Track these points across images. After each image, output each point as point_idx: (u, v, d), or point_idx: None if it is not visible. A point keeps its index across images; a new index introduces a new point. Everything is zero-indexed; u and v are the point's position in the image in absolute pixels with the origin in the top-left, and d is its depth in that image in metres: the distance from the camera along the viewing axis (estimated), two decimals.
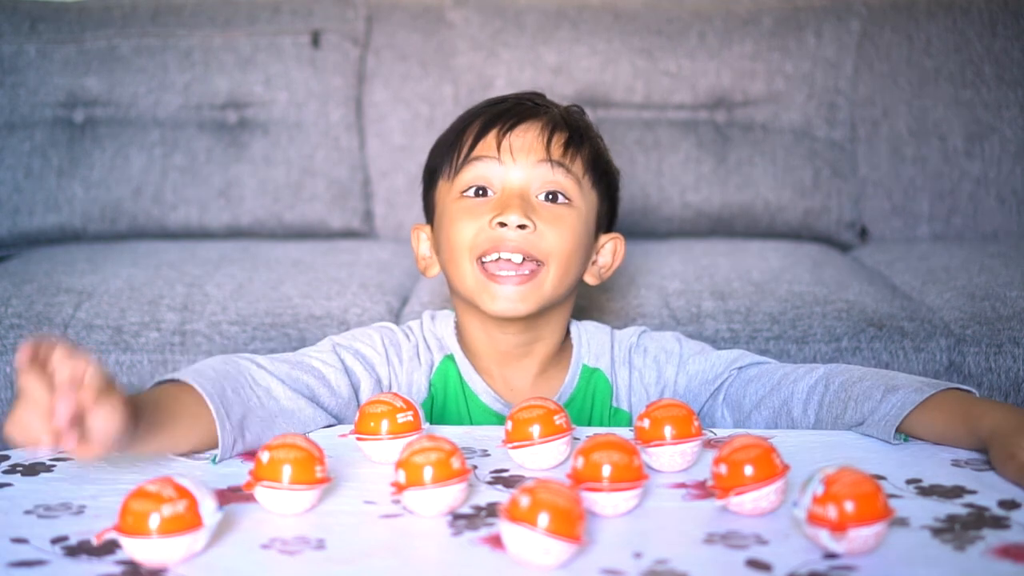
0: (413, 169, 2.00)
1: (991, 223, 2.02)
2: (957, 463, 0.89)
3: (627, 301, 1.53)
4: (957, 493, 0.82)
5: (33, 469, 0.89)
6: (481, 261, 1.07)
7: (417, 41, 2.04)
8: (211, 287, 1.58)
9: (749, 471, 0.77)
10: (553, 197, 1.09)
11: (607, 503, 0.78)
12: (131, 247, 1.86)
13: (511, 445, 0.89)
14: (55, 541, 0.75)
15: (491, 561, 0.72)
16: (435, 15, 2.05)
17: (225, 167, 1.95)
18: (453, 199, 1.11)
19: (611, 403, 1.15)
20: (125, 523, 0.71)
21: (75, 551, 0.73)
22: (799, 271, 1.67)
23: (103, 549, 0.73)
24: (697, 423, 0.88)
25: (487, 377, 1.14)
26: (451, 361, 1.13)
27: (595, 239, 1.15)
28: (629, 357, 1.16)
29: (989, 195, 2.02)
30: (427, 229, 1.18)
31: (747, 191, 1.95)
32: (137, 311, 1.50)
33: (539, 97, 1.16)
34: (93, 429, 0.77)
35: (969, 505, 0.80)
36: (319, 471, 0.80)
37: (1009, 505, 0.80)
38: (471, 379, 1.13)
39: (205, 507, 0.72)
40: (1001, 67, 2.03)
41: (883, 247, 1.96)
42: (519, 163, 1.09)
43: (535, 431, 0.88)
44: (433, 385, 1.12)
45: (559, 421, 0.88)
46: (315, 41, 1.98)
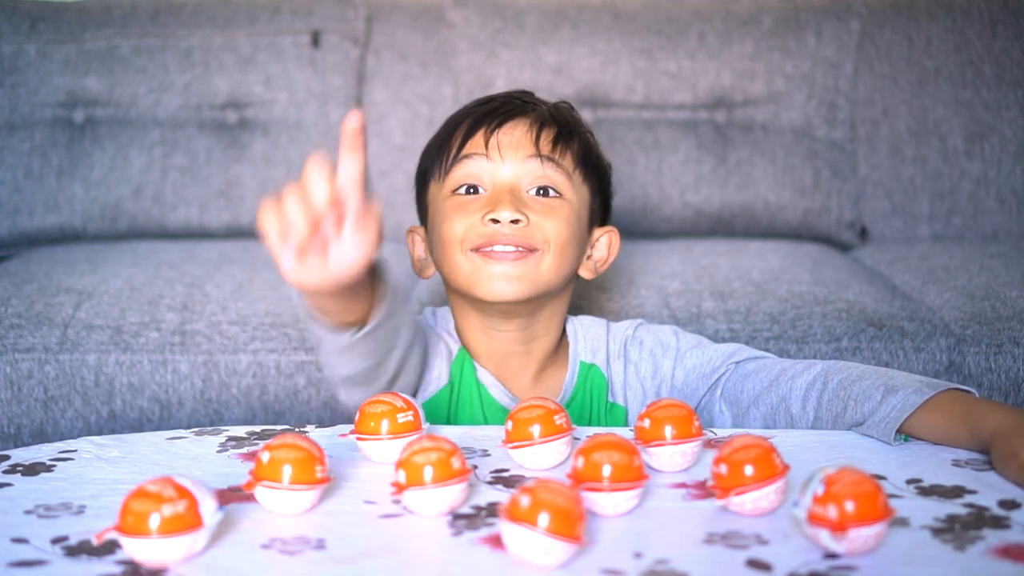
0: (413, 169, 1.96)
1: (991, 223, 2.02)
2: (957, 463, 0.88)
3: (627, 301, 1.53)
4: (957, 493, 0.82)
5: (33, 469, 0.89)
6: (474, 251, 1.07)
7: (417, 41, 2.04)
8: (211, 287, 1.58)
9: (749, 471, 0.77)
10: (544, 192, 1.09)
11: (607, 503, 0.78)
12: (131, 247, 1.86)
13: (511, 445, 0.89)
14: (55, 541, 0.75)
15: (491, 561, 0.72)
16: (435, 15, 2.05)
17: (225, 167, 1.95)
18: (444, 198, 1.11)
19: (607, 398, 1.15)
20: (125, 523, 0.71)
21: (75, 551, 0.73)
22: (799, 271, 1.67)
23: (103, 549, 0.73)
24: (697, 423, 0.88)
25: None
26: (465, 352, 1.13)
27: (588, 233, 1.15)
28: (625, 350, 1.16)
29: (989, 195, 2.02)
30: (421, 231, 1.18)
31: (747, 191, 1.95)
32: (137, 311, 1.50)
33: (527, 95, 1.16)
34: (339, 253, 0.78)
35: (969, 505, 0.80)
36: (319, 471, 0.80)
37: (1009, 505, 0.79)
38: (481, 373, 1.13)
39: (205, 507, 0.72)
40: (1001, 67, 2.03)
41: (883, 247, 1.96)
42: (508, 160, 1.09)
43: (535, 431, 0.88)
44: (452, 372, 1.12)
45: (559, 421, 0.88)
46: (315, 41, 1.98)
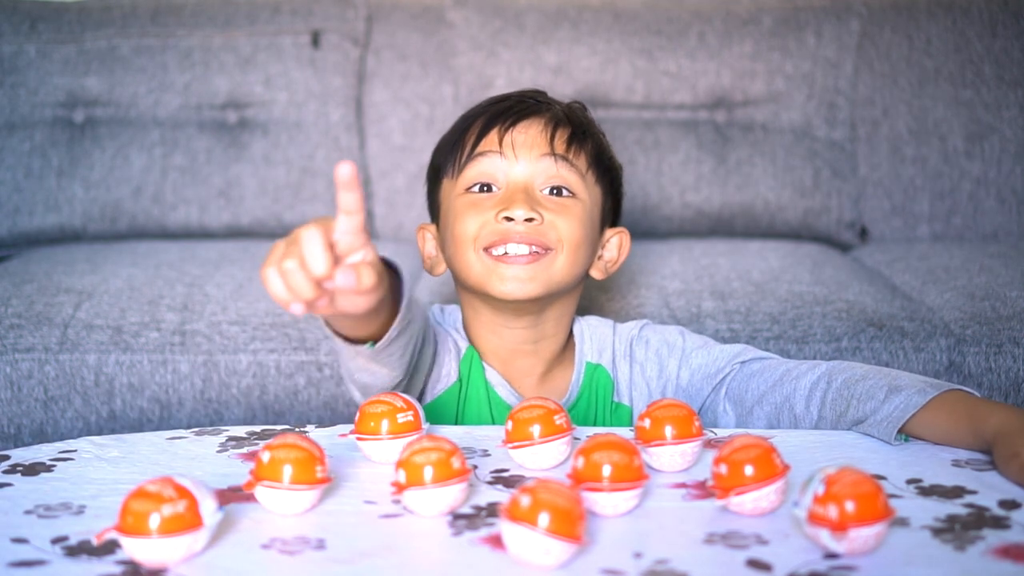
0: (413, 169, 2.00)
1: (991, 223, 2.02)
2: (958, 463, 0.88)
3: (627, 301, 1.53)
4: (957, 493, 0.82)
5: (33, 469, 0.89)
6: (487, 252, 1.07)
7: (417, 41, 2.04)
8: (211, 287, 1.58)
9: (749, 471, 0.77)
10: (557, 191, 1.09)
11: (607, 503, 0.78)
12: (131, 247, 1.86)
13: (511, 445, 0.89)
14: (55, 541, 0.75)
15: (491, 561, 0.72)
16: (435, 15, 2.05)
17: (225, 167, 1.95)
18: (458, 195, 1.11)
19: (612, 398, 1.15)
20: (125, 523, 0.71)
21: (75, 551, 0.73)
22: (799, 271, 1.67)
23: (103, 549, 0.73)
24: (698, 423, 0.88)
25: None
26: (474, 351, 1.13)
27: (600, 233, 1.15)
28: (630, 350, 1.16)
29: (989, 195, 2.02)
30: (432, 228, 1.18)
31: (747, 191, 1.95)
32: (137, 311, 1.50)
33: (541, 95, 1.16)
34: (341, 304, 0.77)
35: (969, 505, 0.80)
36: (319, 471, 0.80)
37: (1009, 505, 0.79)
38: (489, 372, 1.13)
39: (205, 507, 0.72)
40: (1001, 67, 2.03)
41: (883, 247, 1.96)
42: (522, 158, 1.09)
43: (535, 431, 0.87)
44: (461, 371, 1.12)
45: (559, 421, 0.88)
46: (315, 41, 1.98)
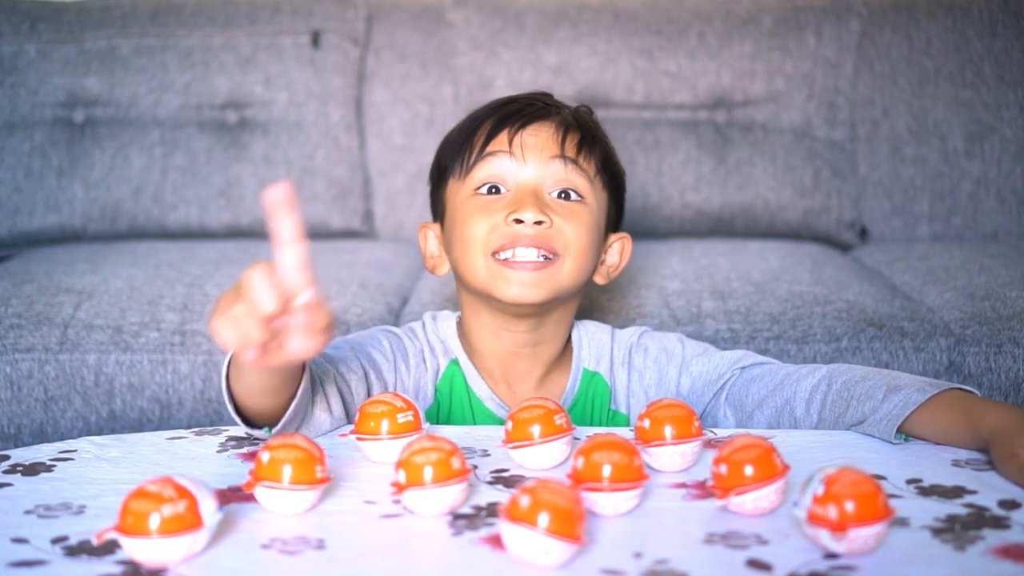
0: (413, 169, 2.00)
1: (991, 223, 2.02)
2: (957, 463, 0.88)
3: (627, 301, 1.53)
4: (957, 493, 0.82)
5: (33, 469, 0.89)
6: (495, 256, 1.07)
7: (417, 41, 2.04)
8: (211, 287, 1.58)
9: (749, 471, 0.77)
10: (566, 195, 1.09)
11: (607, 503, 0.78)
12: (131, 247, 1.86)
13: (511, 445, 0.88)
14: (55, 541, 0.75)
15: (491, 561, 0.72)
16: (435, 15, 2.05)
17: (225, 167, 1.95)
18: (465, 196, 1.10)
19: (609, 406, 1.15)
20: (125, 523, 0.71)
21: (75, 551, 0.73)
22: (799, 271, 1.67)
23: (103, 549, 0.73)
24: (697, 423, 0.88)
25: (490, 381, 1.13)
26: (456, 366, 1.13)
27: (604, 238, 1.15)
28: (629, 358, 1.16)
29: (989, 195, 2.02)
30: (435, 228, 1.17)
31: (747, 191, 1.95)
32: (137, 311, 1.50)
33: (548, 98, 1.16)
34: (292, 348, 0.76)
35: (969, 505, 0.80)
36: (319, 471, 0.80)
37: (1009, 505, 0.79)
38: (475, 384, 1.12)
39: (205, 507, 0.72)
40: (1001, 67, 2.03)
41: (883, 247, 1.96)
42: (532, 160, 1.08)
43: (535, 431, 0.87)
44: (439, 391, 1.12)
45: (559, 421, 0.88)
46: (315, 41, 1.98)
